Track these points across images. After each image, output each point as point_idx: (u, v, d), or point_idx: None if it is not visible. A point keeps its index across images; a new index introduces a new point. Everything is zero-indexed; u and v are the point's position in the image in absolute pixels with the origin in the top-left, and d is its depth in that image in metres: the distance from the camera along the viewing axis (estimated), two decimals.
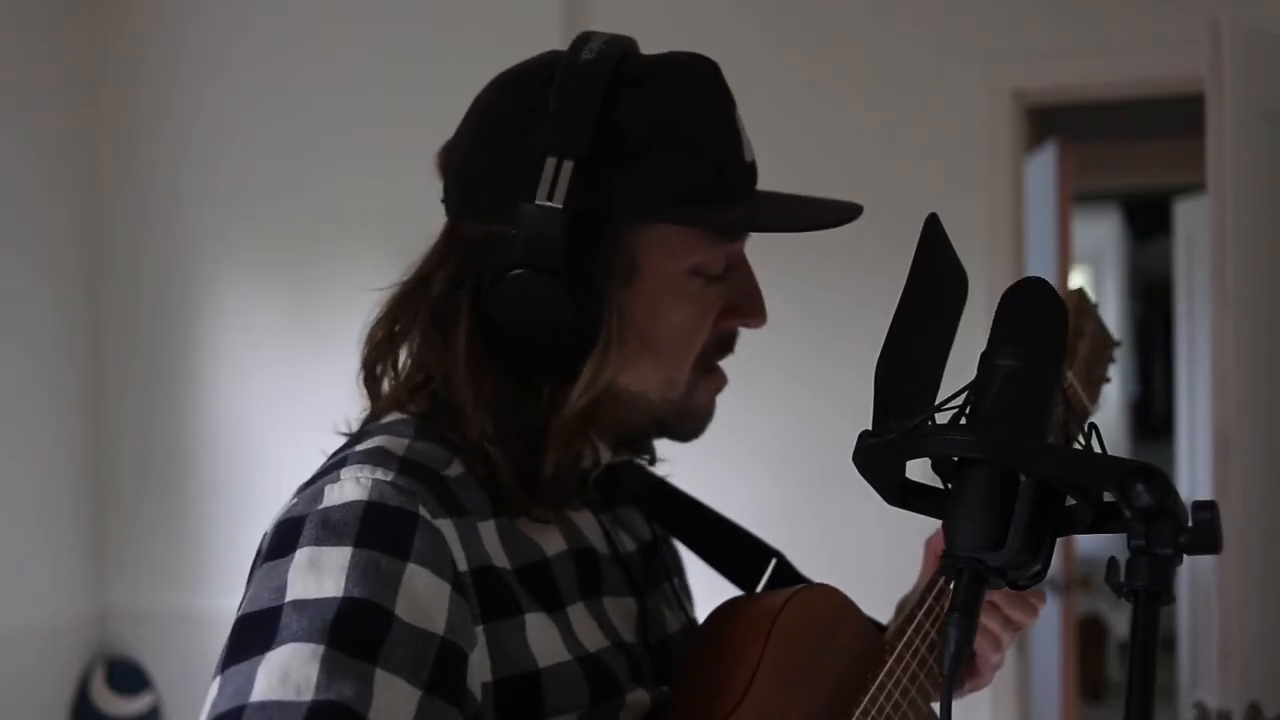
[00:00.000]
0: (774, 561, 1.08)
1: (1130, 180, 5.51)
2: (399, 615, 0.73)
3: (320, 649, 0.70)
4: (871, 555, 1.93)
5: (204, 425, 3.37)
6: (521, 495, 0.85)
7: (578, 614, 0.87)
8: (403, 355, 0.91)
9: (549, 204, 0.82)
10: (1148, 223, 7.06)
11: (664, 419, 0.93)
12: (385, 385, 0.91)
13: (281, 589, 0.74)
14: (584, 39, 0.88)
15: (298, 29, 3.30)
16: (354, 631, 0.72)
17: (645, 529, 1.03)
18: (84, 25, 3.40)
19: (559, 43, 0.92)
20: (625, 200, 0.85)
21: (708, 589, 1.11)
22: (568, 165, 0.82)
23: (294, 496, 0.82)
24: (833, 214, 0.89)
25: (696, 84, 0.89)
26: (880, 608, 1.14)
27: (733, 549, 1.08)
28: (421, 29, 3.20)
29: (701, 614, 1.05)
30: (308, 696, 0.69)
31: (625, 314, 0.86)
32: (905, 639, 0.98)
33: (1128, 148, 4.68)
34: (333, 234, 3.23)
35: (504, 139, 0.87)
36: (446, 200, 0.92)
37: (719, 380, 0.95)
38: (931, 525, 1.10)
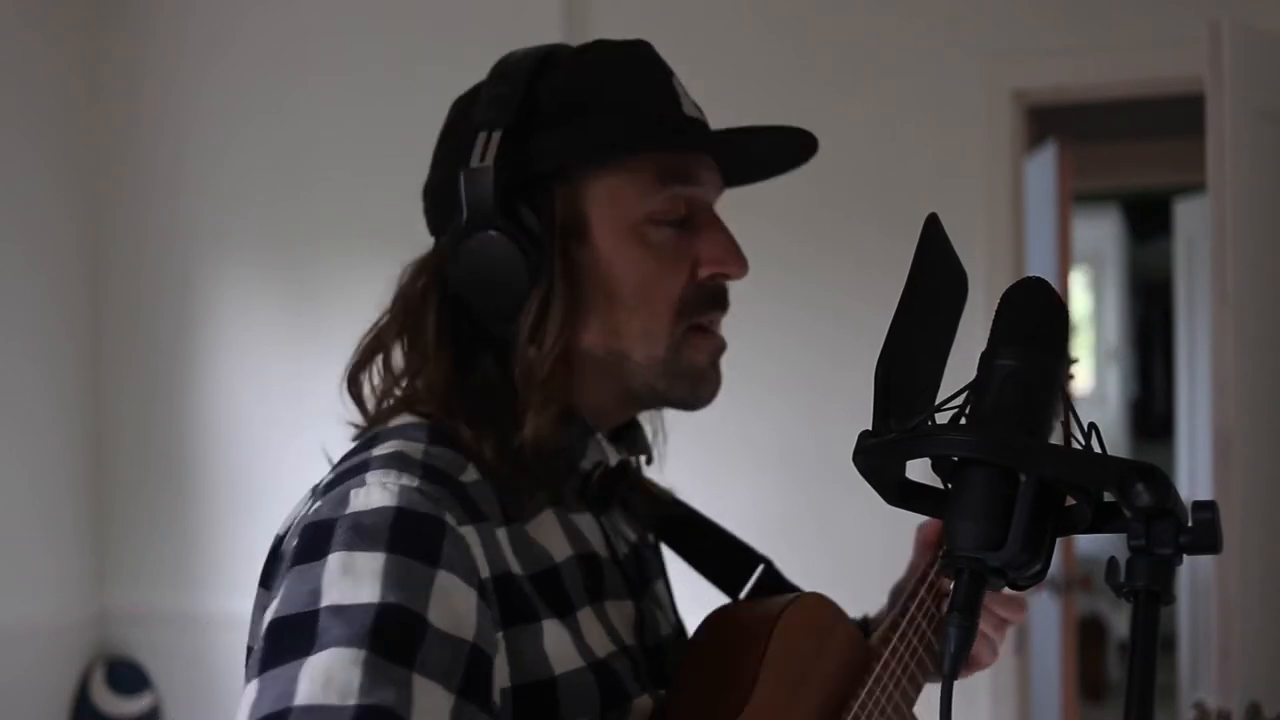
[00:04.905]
0: (761, 568, 1.08)
1: (1130, 180, 5.50)
2: (432, 622, 0.74)
3: (362, 653, 0.70)
4: (872, 555, 1.93)
5: (204, 425, 3.37)
6: (505, 467, 0.87)
7: (586, 619, 0.87)
8: (379, 372, 0.93)
9: (478, 164, 0.87)
10: (1148, 223, 7.05)
11: (654, 380, 0.92)
12: (368, 391, 0.93)
13: (316, 593, 0.74)
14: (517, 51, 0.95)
15: (297, 29, 3.30)
16: (392, 637, 0.72)
17: (633, 530, 1.04)
18: (84, 25, 3.40)
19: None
20: (554, 156, 0.89)
21: (692, 594, 1.11)
22: (496, 135, 0.87)
23: (315, 499, 0.82)
24: (787, 155, 0.94)
25: (625, 53, 0.94)
26: (881, 607, 1.15)
27: (720, 554, 1.08)
28: (422, 28, 3.20)
29: (685, 615, 1.05)
30: (351, 701, 0.69)
31: (584, 269, 0.89)
32: (891, 646, 1.00)
33: (1128, 148, 4.68)
34: (332, 233, 3.23)
35: (453, 152, 0.92)
36: (428, 223, 0.97)
37: (712, 340, 0.95)
38: None
